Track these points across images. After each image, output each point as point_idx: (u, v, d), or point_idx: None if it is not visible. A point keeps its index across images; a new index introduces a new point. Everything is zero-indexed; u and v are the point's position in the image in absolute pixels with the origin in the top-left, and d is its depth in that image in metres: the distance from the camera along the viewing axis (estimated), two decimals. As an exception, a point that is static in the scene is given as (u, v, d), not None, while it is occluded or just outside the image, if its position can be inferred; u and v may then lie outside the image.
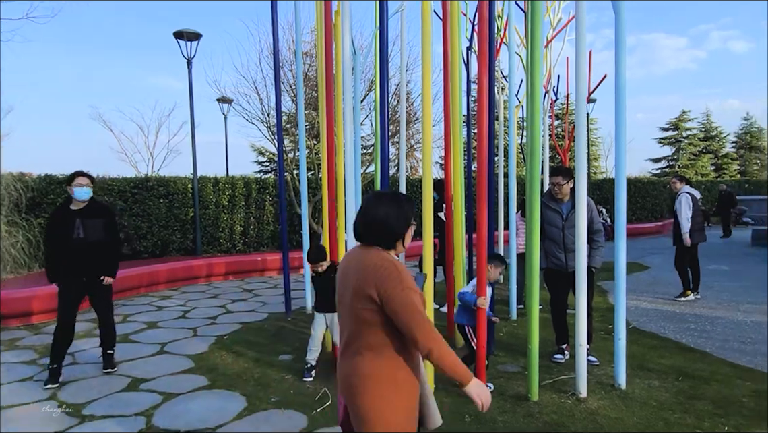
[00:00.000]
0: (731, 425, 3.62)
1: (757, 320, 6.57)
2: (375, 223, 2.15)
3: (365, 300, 2.04)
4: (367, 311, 2.05)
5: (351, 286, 2.10)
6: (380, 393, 2.05)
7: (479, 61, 4.43)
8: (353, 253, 2.23)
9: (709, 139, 40.78)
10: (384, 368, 2.07)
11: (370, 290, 2.03)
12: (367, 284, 2.04)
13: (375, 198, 2.23)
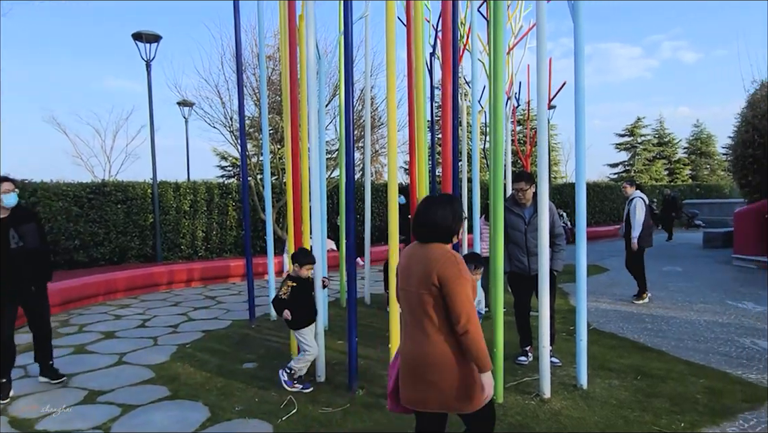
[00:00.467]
0: (686, 422, 3.75)
1: (710, 319, 6.83)
2: (432, 224, 2.55)
3: (429, 286, 2.43)
4: (429, 295, 2.43)
5: (416, 275, 2.49)
6: (449, 364, 2.45)
7: (443, 67, 4.48)
8: (414, 249, 2.63)
9: (662, 144, 42.28)
10: (450, 347, 2.45)
11: (433, 276, 2.41)
12: (431, 272, 2.42)
13: (428, 202, 2.64)
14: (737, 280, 9.99)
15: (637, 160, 41.47)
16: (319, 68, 6.82)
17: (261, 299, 8.15)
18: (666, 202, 19.58)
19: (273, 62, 12.96)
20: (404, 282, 2.60)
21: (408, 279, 2.56)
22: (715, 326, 6.48)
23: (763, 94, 13.24)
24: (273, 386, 4.59)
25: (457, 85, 4.94)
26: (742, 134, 13.44)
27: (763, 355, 5.30)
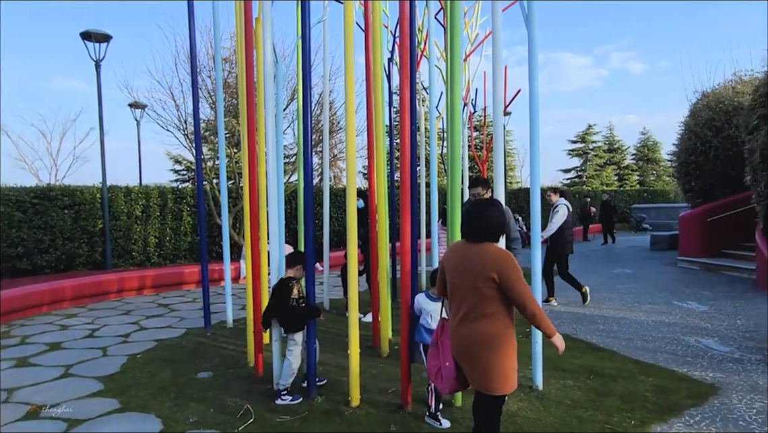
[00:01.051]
0: (637, 419, 3.87)
1: (657, 319, 7.10)
2: (485, 225, 2.94)
3: (487, 280, 2.81)
4: (488, 288, 2.82)
5: (474, 270, 2.86)
6: (499, 346, 2.83)
7: (401, 72, 4.51)
8: (465, 247, 3.00)
9: (612, 151, 43.80)
10: (501, 329, 2.84)
11: (492, 273, 2.80)
12: (489, 268, 2.81)
13: (478, 206, 3.02)
14: (682, 281, 10.43)
15: (588, 166, 42.81)
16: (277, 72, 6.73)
17: (217, 306, 7.97)
18: (603, 206, 19.97)
19: (229, 65, 12.74)
20: (458, 277, 2.97)
21: (463, 274, 2.93)
22: (662, 325, 6.74)
23: (704, 104, 13.92)
24: (229, 395, 4.49)
25: (414, 91, 4.97)
26: (686, 142, 14.09)
27: (707, 353, 5.55)
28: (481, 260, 2.85)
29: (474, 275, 2.85)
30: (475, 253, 2.91)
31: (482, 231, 2.94)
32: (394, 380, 4.65)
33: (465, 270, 2.92)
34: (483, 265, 2.83)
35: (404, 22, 4.46)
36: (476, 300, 2.86)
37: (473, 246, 2.96)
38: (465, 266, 2.93)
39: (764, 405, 4.11)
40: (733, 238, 12.18)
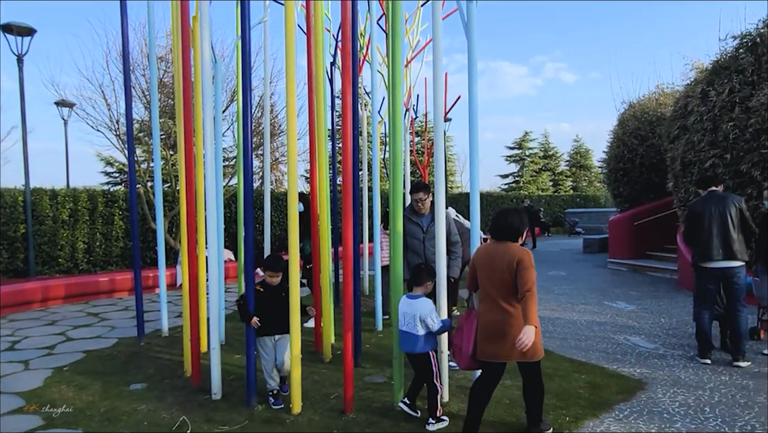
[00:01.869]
0: (571, 416, 4.02)
1: (589, 319, 7.42)
2: (509, 227, 3.62)
3: (512, 270, 3.45)
4: (510, 277, 3.45)
5: (501, 265, 3.50)
6: (520, 324, 3.36)
7: (343, 76, 4.50)
8: (493, 247, 3.66)
9: (547, 157, 45.52)
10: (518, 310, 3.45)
11: (514, 263, 3.45)
12: (512, 261, 3.46)
13: (504, 212, 3.73)
14: (612, 282, 10.96)
15: (525, 172, 44.28)
16: (215, 72, 6.57)
17: (151, 314, 7.66)
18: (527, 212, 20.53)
19: (165, 64, 12.31)
20: (488, 271, 3.59)
21: (492, 268, 3.55)
22: (594, 325, 7.05)
23: (630, 114, 14.72)
24: (164, 407, 4.31)
25: (357, 95, 4.98)
26: (614, 150, 14.84)
27: (634, 350, 5.85)
28: (507, 255, 3.51)
29: (502, 268, 3.50)
30: (500, 250, 3.58)
31: (505, 231, 3.63)
32: (336, 385, 4.61)
33: (494, 265, 3.56)
34: (508, 259, 3.48)
35: (346, 25, 4.46)
36: (505, 289, 3.49)
37: (499, 245, 3.63)
38: (494, 262, 3.57)
39: (686, 398, 4.37)
40: (657, 240, 12.93)
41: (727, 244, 5.24)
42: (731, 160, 8.38)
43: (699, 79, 9.99)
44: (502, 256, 3.53)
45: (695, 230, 5.48)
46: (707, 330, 5.39)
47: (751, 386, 4.63)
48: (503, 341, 3.46)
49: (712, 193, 5.50)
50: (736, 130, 8.32)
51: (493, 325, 3.51)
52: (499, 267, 3.50)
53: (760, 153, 7.97)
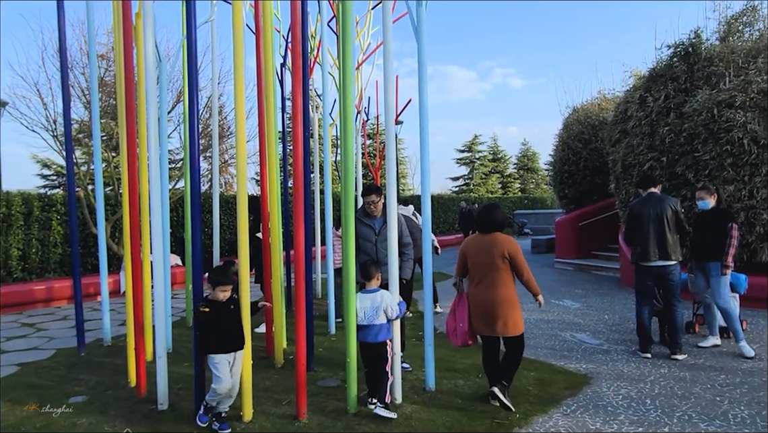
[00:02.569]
0: (521, 412, 4.11)
1: (538, 317, 7.62)
2: (495, 221, 4.33)
3: (502, 257, 4.17)
4: (502, 262, 4.18)
5: (495, 252, 4.18)
6: (514, 304, 4.23)
7: (293, 78, 4.45)
8: (480, 238, 4.36)
9: (496, 160, 46.57)
10: (513, 292, 4.23)
11: (505, 252, 4.18)
12: (503, 249, 4.18)
13: (489, 208, 4.42)
14: (559, 281, 11.30)
15: (475, 175, 45.13)
16: (160, 72, 6.37)
17: (92, 322, 7.34)
18: (461, 215, 19.76)
19: (107, 62, 11.84)
20: (479, 258, 4.28)
21: (483, 255, 4.25)
22: (542, 323, 7.24)
23: (574, 118, 15.25)
24: (107, 419, 4.13)
25: (308, 97, 4.93)
26: (560, 153, 15.33)
27: (580, 346, 6.04)
28: (498, 244, 4.20)
29: (492, 255, 4.18)
30: (491, 240, 4.25)
31: (492, 224, 4.32)
32: (289, 391, 4.54)
33: (485, 252, 4.23)
34: (498, 247, 4.19)
35: (296, 26, 4.41)
36: (495, 272, 4.19)
37: (488, 236, 4.30)
38: (484, 250, 4.24)
39: (628, 391, 4.55)
40: (601, 240, 13.44)
41: (662, 244, 5.50)
42: (667, 163, 8.81)
43: (637, 85, 10.47)
44: (494, 245, 4.23)
45: (634, 230, 5.73)
46: (647, 325, 5.64)
47: (688, 377, 4.87)
48: (496, 321, 4.18)
49: (650, 195, 5.76)
50: (671, 135, 8.75)
51: (487, 305, 4.21)
52: (493, 254, 4.20)
53: (694, 156, 8.41)
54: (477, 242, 4.36)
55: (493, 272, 4.19)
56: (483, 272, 4.24)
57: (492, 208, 4.42)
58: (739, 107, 7.97)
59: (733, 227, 5.60)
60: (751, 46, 8.59)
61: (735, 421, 3.88)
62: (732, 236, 5.56)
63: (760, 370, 5.01)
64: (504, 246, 4.19)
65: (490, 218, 4.34)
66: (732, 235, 5.57)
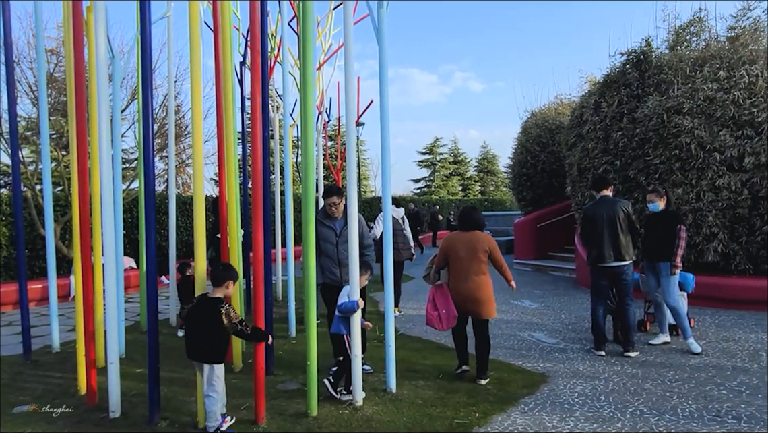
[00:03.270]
0: (480, 412, 4.16)
1: (497, 317, 7.67)
2: (475, 221, 5.03)
3: (483, 251, 4.85)
4: (483, 255, 4.86)
5: (477, 247, 4.85)
6: (490, 290, 4.90)
7: (252, 77, 4.38)
8: (461, 235, 5.01)
9: (457, 163, 47.15)
10: (488, 280, 4.92)
11: (486, 246, 4.88)
12: (484, 244, 4.88)
13: (469, 210, 5.15)
14: (517, 281, 11.33)
15: (436, 177, 45.55)
16: (113, 68, 6.17)
17: (40, 328, 7.03)
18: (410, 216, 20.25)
19: (57, 57, 11.39)
20: (462, 252, 4.89)
21: (467, 249, 4.88)
22: (502, 323, 7.36)
23: (532, 122, 15.58)
24: (55, 429, 3.95)
25: (267, 97, 4.86)
26: (518, 156, 15.63)
27: (538, 345, 6.16)
28: (480, 241, 4.90)
29: (474, 249, 4.86)
30: (473, 237, 4.94)
31: (473, 224, 5.02)
32: (248, 395, 4.45)
33: (469, 247, 4.88)
34: (478, 243, 4.88)
35: (255, 24, 4.34)
36: (477, 265, 4.85)
37: (469, 233, 4.97)
38: (468, 245, 4.90)
39: (584, 388, 4.66)
40: (558, 241, 13.76)
41: (616, 245, 5.67)
42: (620, 167, 9.10)
43: (592, 91, 10.78)
44: (477, 240, 4.91)
45: (589, 232, 5.89)
46: (601, 324, 5.80)
47: (640, 374, 5.03)
48: (477, 303, 4.85)
49: (603, 198, 5.93)
50: (624, 139, 9.05)
51: (468, 291, 4.84)
52: (476, 249, 4.86)
53: (645, 160, 8.72)
54: (460, 239, 4.96)
55: (477, 263, 4.85)
56: (467, 264, 4.86)
57: (472, 210, 5.13)
58: (686, 114, 8.31)
59: (681, 228, 5.83)
60: (698, 56, 8.97)
61: (683, 415, 4.03)
62: (680, 237, 5.79)
63: (706, 366, 5.22)
64: (485, 242, 4.90)
65: (471, 219, 5.04)
66: (680, 236, 5.79)
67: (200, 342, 3.75)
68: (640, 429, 3.79)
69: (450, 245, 4.99)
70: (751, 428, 3.76)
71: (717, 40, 9.44)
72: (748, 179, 7.84)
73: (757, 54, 8.44)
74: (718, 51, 8.84)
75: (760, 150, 7.74)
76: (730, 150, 7.90)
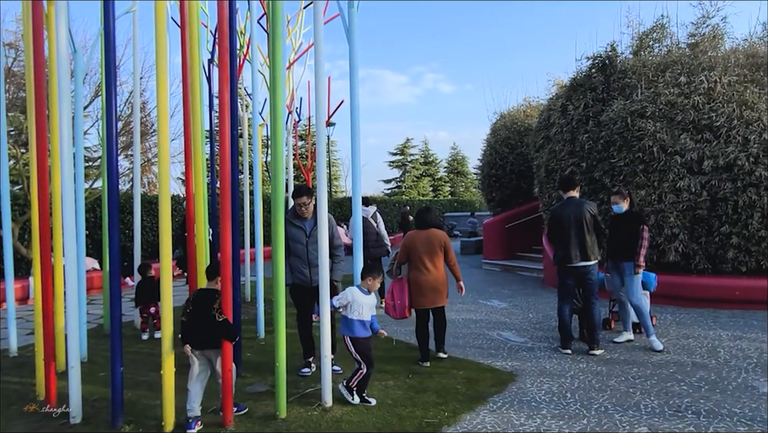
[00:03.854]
0: (449, 411, 4.18)
1: (466, 317, 7.81)
2: (432, 220, 5.65)
3: (441, 246, 5.46)
4: (440, 251, 5.48)
5: (435, 243, 5.45)
6: (446, 280, 5.49)
7: (220, 75, 4.31)
8: (420, 233, 5.55)
9: (428, 164, 47.43)
10: (444, 272, 5.51)
11: (442, 242, 5.49)
12: (440, 240, 5.48)
13: (426, 210, 5.80)
14: (486, 281, 11.64)
15: (407, 177, 45.73)
16: (75, 64, 6.00)
17: (-3, 333, 6.77)
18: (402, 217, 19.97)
19: (15, 51, 11.01)
20: (422, 248, 5.47)
21: (426, 245, 5.47)
22: (471, 322, 7.43)
23: (501, 124, 15.78)
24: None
25: (236, 95, 4.79)
26: (488, 157, 15.80)
27: (506, 344, 6.24)
28: (436, 237, 5.52)
29: (433, 244, 5.48)
30: (429, 234, 5.54)
31: (430, 223, 5.64)
32: (215, 397, 4.37)
33: (427, 243, 5.48)
34: (437, 239, 5.51)
35: (224, 21, 4.27)
36: (436, 258, 5.48)
37: (427, 231, 5.56)
38: (427, 242, 5.50)
39: (551, 386, 4.74)
40: (526, 242, 13.96)
41: (582, 245, 5.79)
42: (586, 168, 9.29)
43: (559, 94, 10.98)
44: (434, 237, 5.52)
45: (556, 232, 6.00)
46: (568, 323, 5.91)
47: (604, 371, 5.14)
48: (434, 293, 5.44)
49: (570, 198, 6.04)
50: (590, 142, 9.24)
51: (428, 283, 5.43)
52: (434, 244, 5.48)
53: (610, 162, 8.93)
54: (418, 236, 5.57)
55: (435, 258, 5.46)
56: (427, 258, 5.45)
57: (426, 211, 5.81)
58: (649, 117, 8.54)
59: (644, 229, 5.99)
60: (660, 61, 9.24)
61: (646, 411, 4.14)
62: (643, 237, 5.94)
63: (667, 362, 5.37)
64: (441, 238, 5.54)
65: (426, 219, 5.68)
66: (643, 237, 5.95)
67: (206, 331, 3.90)
68: (605, 425, 3.88)
69: (410, 242, 5.55)
70: (709, 423, 3.88)
71: (678, 47, 9.74)
72: (707, 182, 8.11)
73: (716, 60, 8.74)
74: (680, 57, 9.13)
75: (718, 153, 8.01)
76: (690, 153, 8.16)
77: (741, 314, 7.39)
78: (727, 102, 8.19)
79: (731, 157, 7.90)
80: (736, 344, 5.93)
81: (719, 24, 9.54)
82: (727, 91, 8.28)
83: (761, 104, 8.07)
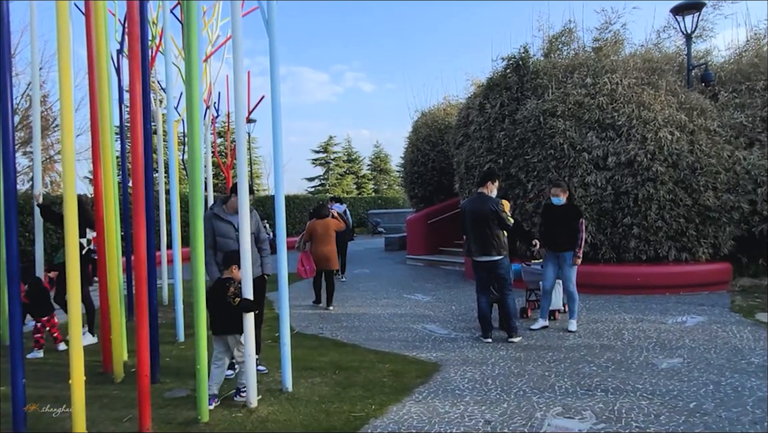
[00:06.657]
0: (377, 404, 4.23)
1: (392, 311, 7.91)
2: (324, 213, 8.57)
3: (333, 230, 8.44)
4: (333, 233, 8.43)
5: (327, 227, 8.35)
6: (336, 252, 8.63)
7: (131, 66, 4.09)
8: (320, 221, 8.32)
9: (351, 161, 47.42)
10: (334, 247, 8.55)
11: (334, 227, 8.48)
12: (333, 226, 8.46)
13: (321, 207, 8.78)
14: (410, 276, 11.85)
15: (330, 175, 45.52)
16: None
17: None
18: None
19: None
20: (318, 230, 8.17)
21: (324, 229, 8.21)
22: (396, 317, 7.54)
23: (422, 122, 16.09)
24: None
25: (149, 89, 4.57)
26: (410, 154, 16.07)
27: (431, 336, 6.39)
28: (329, 224, 8.29)
29: (329, 228, 8.28)
30: (325, 222, 8.25)
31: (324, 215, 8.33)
32: (131, 406, 4.16)
33: (322, 228, 8.22)
34: (331, 225, 8.32)
35: (133, 9, 4.05)
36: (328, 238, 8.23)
37: (322, 220, 8.29)
38: (322, 226, 8.22)
39: (473, 374, 4.91)
40: (448, 237, 14.34)
41: (482, 241, 6.00)
42: (504, 165, 9.68)
43: (477, 93, 11.36)
44: (328, 224, 8.25)
45: (462, 227, 6.25)
46: (487, 313, 6.14)
47: (522, 357, 5.40)
48: (327, 261, 8.11)
49: (479, 194, 6.20)
50: (506, 139, 9.64)
51: (323, 253, 8.10)
52: (329, 227, 8.24)
53: (525, 159, 9.36)
54: (319, 223, 8.27)
55: (329, 237, 8.20)
56: (325, 237, 8.18)
57: (322, 207, 8.64)
58: (559, 116, 9.04)
59: (582, 222, 6.36)
60: (569, 63, 9.80)
61: (560, 391, 4.39)
62: (581, 230, 6.31)
63: (579, 346, 5.72)
64: (333, 225, 8.35)
65: (321, 212, 8.44)
66: (581, 229, 6.31)
67: (222, 317, 4.26)
68: (523, 407, 4.07)
69: (313, 227, 8.27)
70: (616, 399, 4.18)
71: (584, 50, 10.38)
72: (611, 177, 8.70)
73: (617, 64, 9.40)
74: (586, 60, 9.72)
75: (620, 150, 8.61)
76: (596, 150, 8.72)
77: (642, 298, 8.02)
78: (627, 103, 8.83)
79: (631, 153, 8.51)
80: (638, 326, 6.42)
81: (620, 30, 10.28)
82: (627, 93, 8.92)
83: (656, 105, 8.77)
